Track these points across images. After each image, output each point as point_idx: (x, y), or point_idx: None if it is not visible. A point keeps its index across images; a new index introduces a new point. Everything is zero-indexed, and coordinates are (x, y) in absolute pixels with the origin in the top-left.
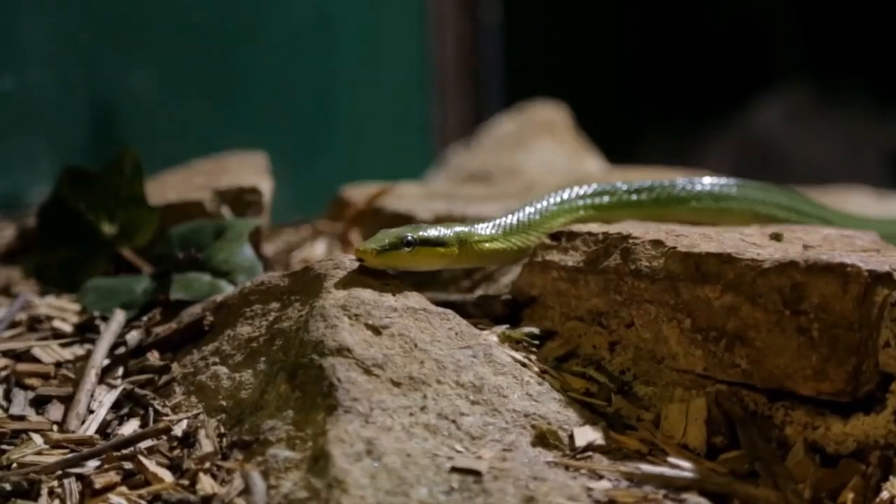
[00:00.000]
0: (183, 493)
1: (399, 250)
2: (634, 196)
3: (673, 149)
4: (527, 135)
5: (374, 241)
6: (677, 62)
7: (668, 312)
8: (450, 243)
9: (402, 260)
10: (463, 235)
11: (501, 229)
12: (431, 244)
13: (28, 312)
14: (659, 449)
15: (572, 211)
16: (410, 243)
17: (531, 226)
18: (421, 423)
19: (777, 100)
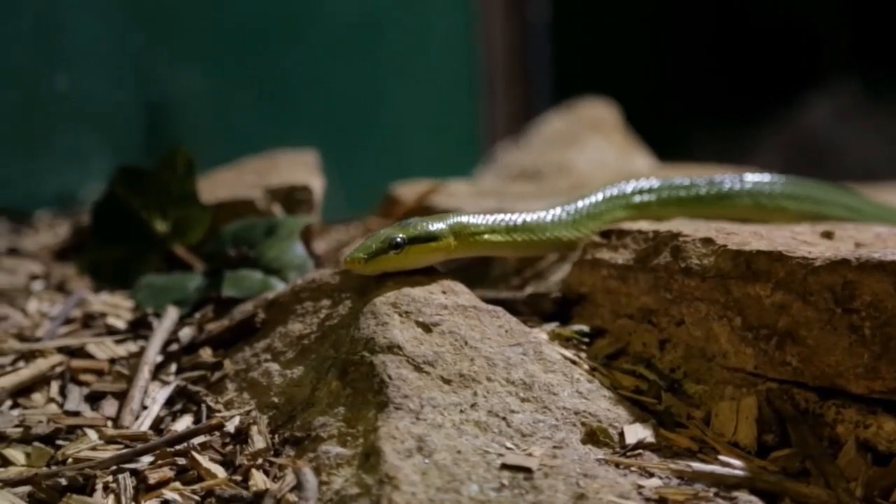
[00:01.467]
0: (235, 489)
1: (387, 254)
2: (664, 194)
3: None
4: (576, 132)
5: (361, 248)
6: (726, 60)
7: (718, 310)
8: (442, 236)
9: (394, 262)
10: (458, 227)
11: (506, 222)
12: (422, 241)
13: (82, 309)
14: (709, 447)
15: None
16: (398, 245)
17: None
18: (471, 421)
19: (826, 97)
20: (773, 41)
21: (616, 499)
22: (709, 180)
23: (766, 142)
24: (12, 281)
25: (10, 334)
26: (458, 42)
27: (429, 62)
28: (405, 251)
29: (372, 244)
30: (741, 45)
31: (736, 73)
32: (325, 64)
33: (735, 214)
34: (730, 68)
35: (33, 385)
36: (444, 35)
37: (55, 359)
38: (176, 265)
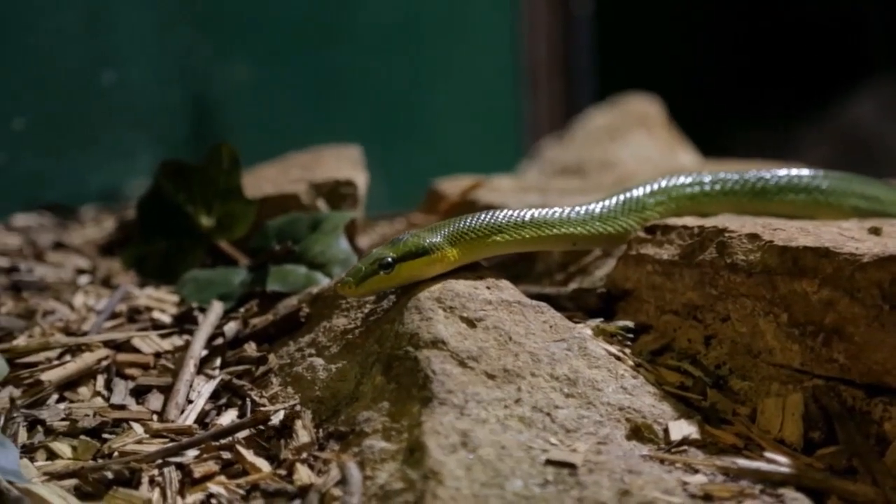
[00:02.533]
0: (280, 483)
1: (377, 275)
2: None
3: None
4: (620, 128)
5: (352, 271)
6: (771, 54)
7: (764, 306)
8: (435, 249)
9: (385, 282)
10: (455, 235)
11: (514, 220)
12: (413, 256)
13: (128, 303)
14: (755, 443)
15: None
16: (388, 265)
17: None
18: (515, 416)
19: (872, 91)
20: (819, 35)
21: (661, 495)
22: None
23: (812, 137)
24: (59, 275)
25: (57, 328)
26: (501, 37)
27: (472, 57)
28: (396, 270)
29: (362, 266)
30: (786, 39)
31: (781, 67)
32: (369, 59)
33: (781, 210)
34: (775, 62)
35: (80, 379)
36: (488, 30)
37: (101, 353)
38: (220, 260)
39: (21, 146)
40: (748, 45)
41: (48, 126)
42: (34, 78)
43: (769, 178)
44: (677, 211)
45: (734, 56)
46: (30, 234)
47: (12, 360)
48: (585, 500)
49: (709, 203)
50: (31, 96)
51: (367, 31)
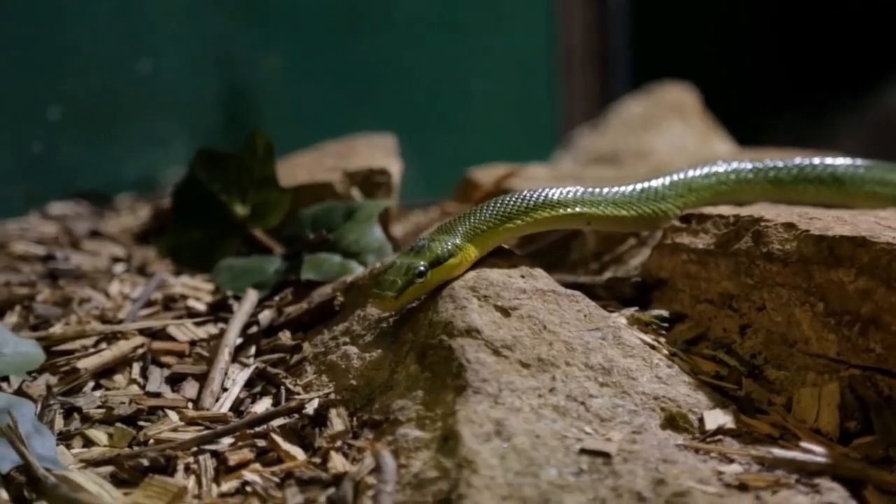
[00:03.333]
0: (315, 471)
1: (414, 284)
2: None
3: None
4: (655, 116)
5: (387, 286)
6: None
7: (800, 296)
8: (458, 250)
9: (421, 290)
10: (470, 233)
11: (522, 205)
12: (444, 260)
13: (163, 291)
14: (791, 433)
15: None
16: (422, 273)
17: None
18: (550, 405)
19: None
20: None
21: (696, 484)
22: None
23: (848, 126)
24: (95, 263)
25: (93, 316)
26: (536, 25)
27: (507, 45)
28: (428, 277)
29: (396, 279)
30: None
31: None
32: (403, 47)
33: (819, 198)
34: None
35: (115, 366)
36: (523, 18)
37: (137, 340)
38: (255, 248)
39: (57, 135)
40: (784, 33)
41: (84, 115)
42: (70, 67)
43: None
44: (697, 202)
45: (770, 44)
46: (66, 223)
47: (49, 348)
48: (620, 489)
49: (730, 192)
50: (67, 85)
51: (402, 19)
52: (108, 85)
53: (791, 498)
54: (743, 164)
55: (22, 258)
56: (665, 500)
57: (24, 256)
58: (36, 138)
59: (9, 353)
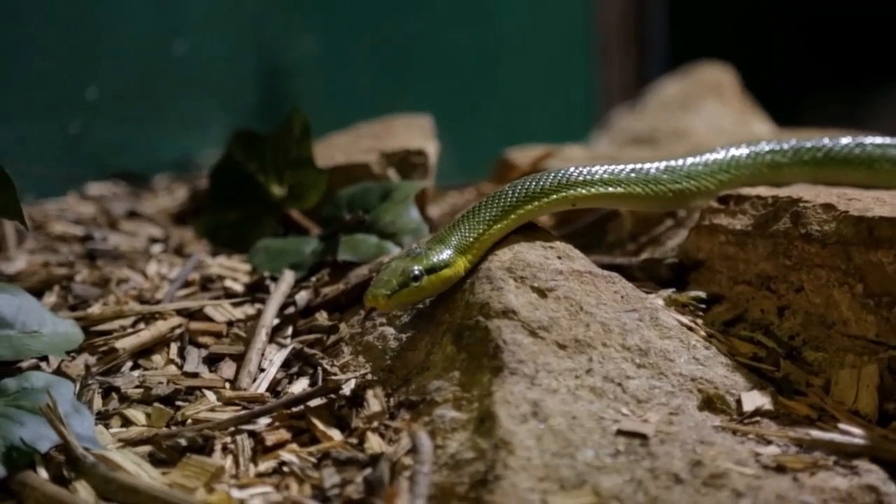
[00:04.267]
0: (352, 452)
1: (408, 287)
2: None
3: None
4: (693, 97)
5: (381, 284)
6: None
7: (839, 277)
8: (453, 261)
9: (415, 294)
10: (463, 245)
11: (501, 206)
12: (438, 269)
13: (200, 272)
14: (829, 415)
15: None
16: (417, 276)
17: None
18: (586, 386)
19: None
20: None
21: (733, 466)
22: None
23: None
24: (133, 244)
25: (131, 296)
26: (573, 6)
27: (544, 26)
28: (423, 282)
29: (391, 279)
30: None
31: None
32: (440, 29)
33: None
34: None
35: (153, 346)
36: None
37: (174, 321)
38: (292, 229)
39: (95, 116)
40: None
41: (122, 96)
42: (108, 48)
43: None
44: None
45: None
46: (104, 203)
47: (87, 328)
48: (657, 470)
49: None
50: (105, 66)
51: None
52: (146, 66)
53: (829, 479)
54: (771, 144)
55: (60, 238)
56: (702, 482)
57: (62, 237)
58: (74, 119)
59: (48, 334)
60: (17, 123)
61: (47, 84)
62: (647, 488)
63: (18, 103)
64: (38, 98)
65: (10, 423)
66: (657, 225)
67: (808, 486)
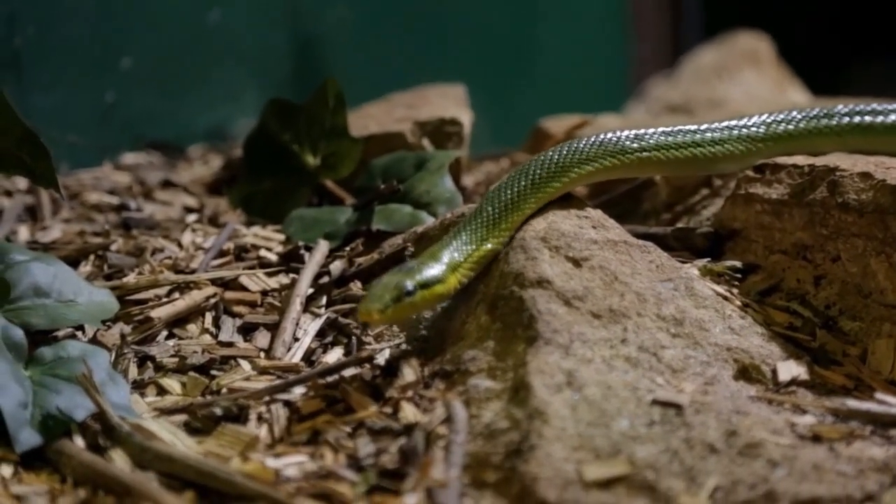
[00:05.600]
0: (386, 421)
1: (402, 301)
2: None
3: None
4: (728, 66)
5: (374, 299)
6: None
7: (876, 246)
8: (445, 278)
9: (406, 310)
10: (454, 263)
11: (490, 223)
12: (431, 285)
13: (235, 241)
14: (865, 385)
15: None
16: (410, 292)
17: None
18: (621, 356)
19: None
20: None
21: (769, 435)
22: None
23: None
24: (167, 213)
25: (166, 266)
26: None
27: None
28: (415, 297)
29: (384, 294)
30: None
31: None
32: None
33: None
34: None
35: (188, 316)
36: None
37: (209, 290)
38: (326, 198)
39: (130, 85)
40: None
41: (156, 65)
42: (142, 17)
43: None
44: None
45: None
46: (139, 173)
47: (122, 297)
48: (692, 440)
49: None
50: (140, 36)
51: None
52: (181, 35)
53: (865, 449)
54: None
55: (96, 208)
56: (738, 452)
57: (97, 206)
58: (109, 88)
59: (83, 303)
60: (52, 93)
61: (82, 54)
62: (682, 458)
63: (54, 73)
64: (74, 68)
65: (47, 391)
66: (692, 194)
67: (844, 456)
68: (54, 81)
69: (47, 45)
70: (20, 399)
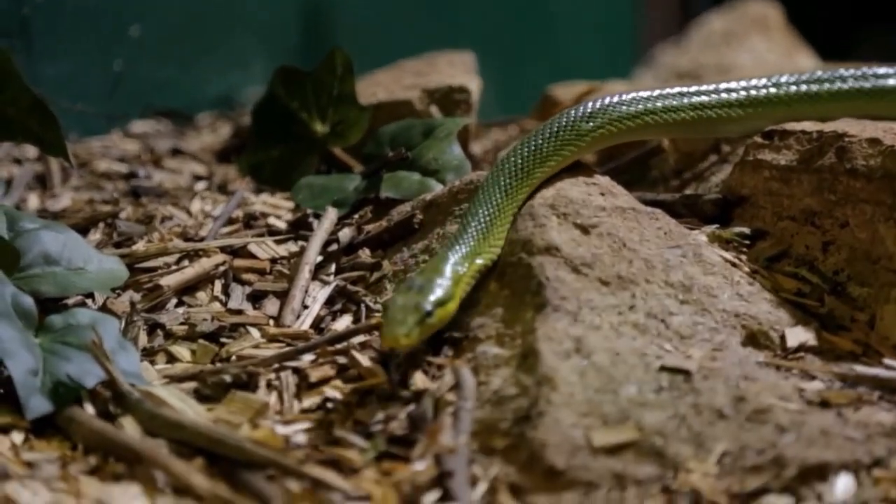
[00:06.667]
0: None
1: (424, 323)
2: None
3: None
4: (737, 32)
5: (395, 324)
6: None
7: (884, 212)
8: (453, 294)
9: (429, 329)
10: (457, 277)
11: (481, 235)
12: (444, 302)
13: (244, 209)
14: (873, 350)
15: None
16: (430, 313)
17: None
18: (629, 322)
19: None
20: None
21: (777, 401)
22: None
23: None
24: (176, 181)
25: (175, 234)
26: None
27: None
28: (434, 316)
29: (406, 317)
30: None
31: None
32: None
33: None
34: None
35: (198, 283)
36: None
37: (218, 258)
38: (334, 166)
39: (139, 53)
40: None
41: (165, 33)
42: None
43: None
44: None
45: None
46: (147, 141)
47: (132, 265)
48: (700, 406)
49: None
50: (148, 4)
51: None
52: (189, 3)
53: (873, 415)
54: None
55: (105, 176)
56: (746, 417)
57: (106, 174)
58: (118, 57)
59: (93, 271)
60: (61, 61)
61: (91, 22)
62: (690, 424)
63: (63, 42)
64: (83, 36)
65: (57, 359)
66: (701, 161)
67: (852, 421)
68: (63, 50)
69: (56, 14)
70: (30, 366)
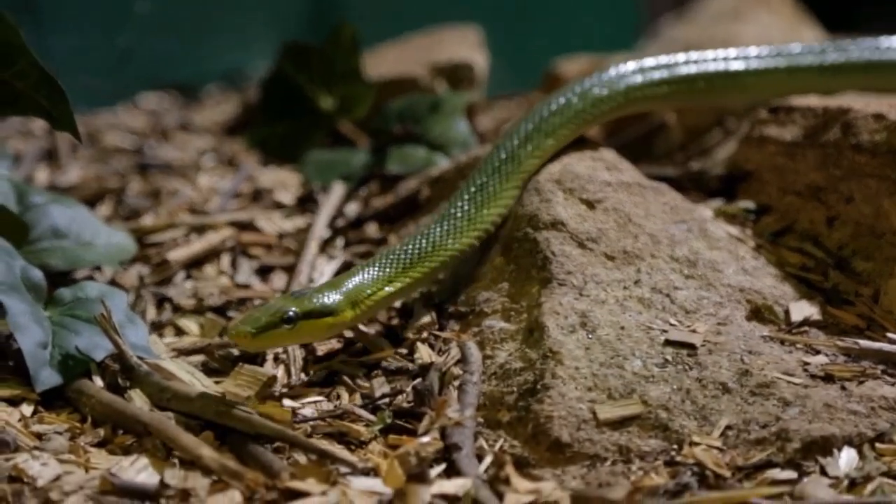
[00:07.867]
0: (402, 362)
1: (278, 328)
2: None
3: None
4: (742, 5)
5: (248, 320)
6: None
7: (889, 187)
8: (339, 311)
9: (285, 338)
10: (354, 294)
11: (399, 264)
12: (317, 315)
13: (251, 184)
14: (877, 324)
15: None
16: (291, 319)
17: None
18: (635, 297)
19: None
20: None
21: (781, 375)
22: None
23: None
24: (183, 156)
25: (183, 208)
26: None
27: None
28: (298, 326)
29: (261, 316)
30: None
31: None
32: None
33: None
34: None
35: (205, 258)
36: None
37: (226, 232)
38: (341, 141)
39: (146, 28)
40: None
41: (172, 8)
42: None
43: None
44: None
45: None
46: (155, 115)
47: (140, 239)
48: (705, 380)
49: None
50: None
51: None
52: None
53: (877, 388)
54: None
55: (113, 150)
56: (750, 391)
57: (115, 149)
58: (125, 31)
59: (101, 245)
60: (69, 36)
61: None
62: (694, 397)
63: (71, 16)
64: (91, 11)
65: (66, 332)
66: (706, 136)
67: (855, 395)
68: (72, 24)
69: None
70: (40, 339)
